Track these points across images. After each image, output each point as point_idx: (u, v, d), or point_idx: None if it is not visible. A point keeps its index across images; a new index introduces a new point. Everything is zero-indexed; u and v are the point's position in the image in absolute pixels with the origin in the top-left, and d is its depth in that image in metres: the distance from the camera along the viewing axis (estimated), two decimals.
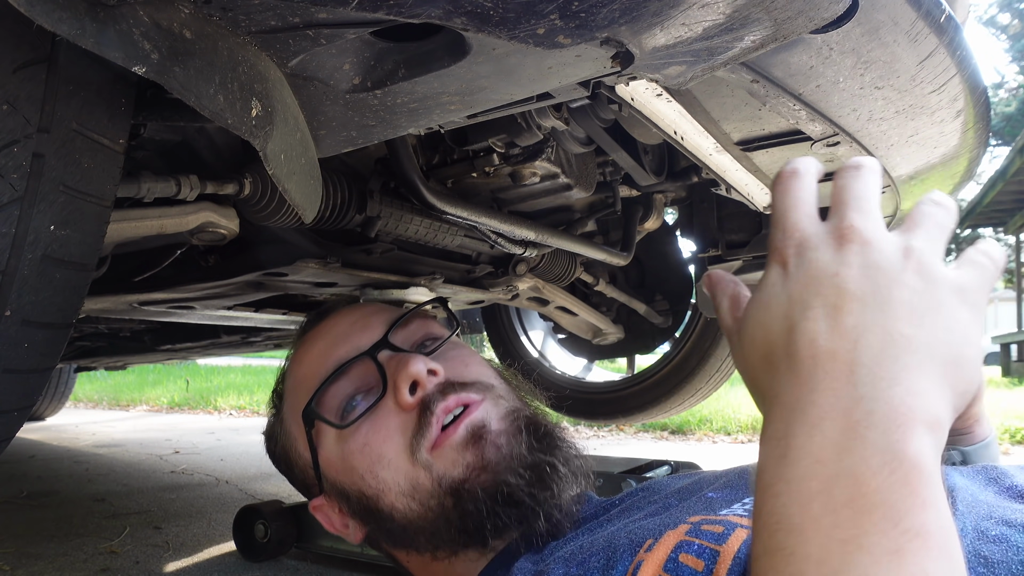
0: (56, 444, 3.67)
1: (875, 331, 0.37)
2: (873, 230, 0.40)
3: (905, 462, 0.33)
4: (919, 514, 0.32)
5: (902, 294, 0.38)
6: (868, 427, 0.35)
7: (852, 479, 0.34)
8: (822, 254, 0.40)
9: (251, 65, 0.57)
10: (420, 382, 0.70)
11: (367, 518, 0.73)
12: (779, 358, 0.40)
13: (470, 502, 0.65)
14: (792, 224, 0.43)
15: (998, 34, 22.13)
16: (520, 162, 1.10)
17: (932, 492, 0.33)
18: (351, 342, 0.77)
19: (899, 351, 0.36)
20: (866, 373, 0.36)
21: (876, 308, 0.38)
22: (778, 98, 0.74)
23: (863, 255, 0.39)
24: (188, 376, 7.62)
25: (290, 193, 0.65)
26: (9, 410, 0.66)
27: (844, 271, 0.39)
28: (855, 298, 0.38)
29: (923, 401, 0.35)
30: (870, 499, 0.33)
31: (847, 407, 0.36)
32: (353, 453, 0.71)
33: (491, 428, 0.68)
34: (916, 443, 0.34)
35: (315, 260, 1.17)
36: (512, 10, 0.48)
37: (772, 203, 0.45)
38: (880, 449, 0.34)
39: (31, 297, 0.60)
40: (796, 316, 0.40)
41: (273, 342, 2.26)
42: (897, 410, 0.35)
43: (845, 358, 0.37)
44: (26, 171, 0.56)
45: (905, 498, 0.33)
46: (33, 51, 0.55)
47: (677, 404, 2.30)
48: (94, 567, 1.56)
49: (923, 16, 0.67)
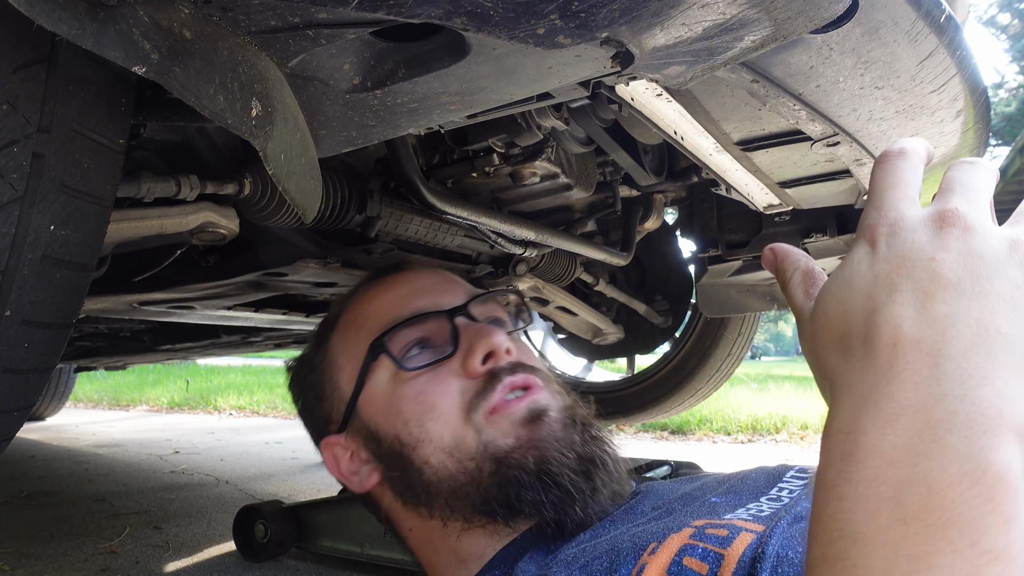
0: (56, 444, 3.67)
1: (968, 323, 0.33)
2: (979, 217, 0.36)
3: (989, 473, 0.29)
4: (1001, 534, 0.28)
5: (1003, 288, 0.34)
6: (949, 429, 0.31)
7: (927, 488, 0.30)
8: (919, 235, 0.37)
9: (251, 65, 0.57)
10: (496, 353, 0.72)
11: (393, 465, 0.73)
12: (855, 341, 0.36)
13: (512, 469, 0.66)
14: (889, 203, 0.39)
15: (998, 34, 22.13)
16: (520, 162, 1.10)
17: (1018, 509, 0.29)
18: (432, 297, 0.79)
19: (993, 348, 0.32)
20: (953, 368, 0.32)
21: (972, 299, 0.34)
22: (778, 98, 0.74)
23: (964, 241, 0.35)
24: (188, 376, 7.62)
25: (290, 193, 0.65)
26: (9, 410, 0.66)
27: (941, 255, 0.35)
28: (950, 285, 0.34)
29: (1013, 406, 0.31)
30: (946, 512, 0.29)
31: (927, 404, 0.32)
32: (404, 398, 0.72)
33: (550, 413, 0.70)
34: (1003, 453, 0.30)
35: (315, 260, 1.17)
36: (512, 10, 0.48)
37: (871, 181, 0.41)
38: (961, 456, 0.30)
39: (31, 297, 0.60)
40: (881, 298, 0.36)
41: (273, 342, 2.26)
42: (985, 413, 0.31)
43: (931, 349, 0.33)
44: (26, 171, 0.56)
45: (986, 515, 0.29)
46: (33, 51, 0.55)
47: (677, 404, 2.30)
48: (94, 567, 1.56)
49: (923, 16, 0.67)
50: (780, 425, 4.25)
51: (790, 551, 0.50)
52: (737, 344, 2.18)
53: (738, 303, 1.82)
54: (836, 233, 1.45)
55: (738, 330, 2.16)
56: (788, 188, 1.10)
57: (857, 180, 1.01)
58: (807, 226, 1.50)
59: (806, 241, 1.50)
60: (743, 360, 2.27)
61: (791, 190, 1.11)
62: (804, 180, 1.08)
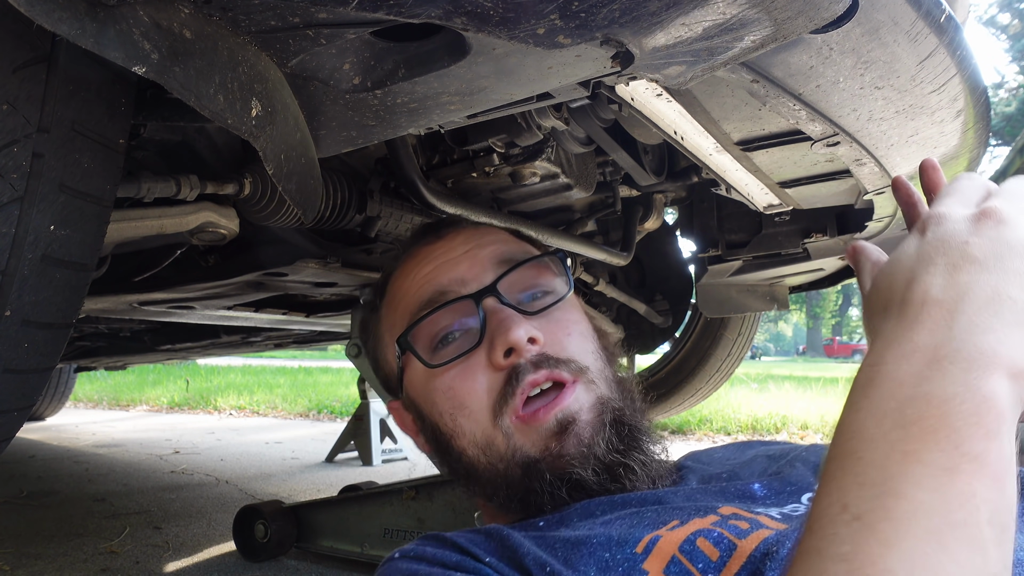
0: (56, 444, 3.67)
1: (985, 289, 0.40)
2: (1014, 215, 0.43)
3: (977, 396, 0.36)
4: (980, 442, 0.35)
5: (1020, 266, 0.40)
6: (952, 362, 0.37)
7: (925, 401, 0.36)
8: (959, 225, 0.44)
9: (251, 65, 0.57)
10: (518, 349, 0.70)
11: (436, 448, 0.76)
12: (894, 304, 0.43)
13: (537, 481, 0.67)
14: (944, 203, 0.46)
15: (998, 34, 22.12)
16: (520, 162, 1.10)
17: (998, 428, 0.35)
18: (459, 274, 0.77)
19: (1002, 308, 0.39)
20: (965, 320, 0.39)
21: (992, 272, 0.40)
22: (778, 98, 0.73)
23: (997, 231, 0.42)
24: (188, 376, 7.62)
25: (290, 193, 0.65)
26: (9, 410, 0.66)
27: (974, 240, 0.42)
28: (976, 261, 0.41)
29: (1010, 351, 0.37)
30: (938, 420, 0.36)
31: (939, 344, 0.38)
32: (437, 391, 0.74)
33: (579, 420, 0.69)
34: (993, 383, 0.36)
35: (315, 260, 1.17)
36: (512, 10, 0.48)
37: (944, 188, 0.49)
38: (957, 381, 0.36)
39: (31, 297, 0.60)
40: (919, 270, 0.43)
41: (273, 342, 2.26)
42: (983, 352, 0.37)
43: (950, 306, 0.40)
44: (26, 171, 0.56)
45: (970, 426, 0.35)
46: (33, 51, 0.55)
47: (677, 404, 2.30)
48: (94, 567, 1.56)
49: (923, 16, 0.67)
50: (780, 425, 4.25)
51: None
52: (737, 344, 2.18)
53: (738, 303, 1.82)
54: (836, 233, 1.45)
55: (738, 330, 2.16)
56: (788, 188, 1.10)
57: (857, 180, 1.01)
58: (807, 226, 1.50)
59: (806, 241, 1.50)
60: (743, 360, 2.27)
61: (791, 190, 1.11)
62: (804, 180, 1.07)
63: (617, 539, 0.54)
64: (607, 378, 0.74)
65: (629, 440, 0.69)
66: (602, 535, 0.55)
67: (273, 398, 5.93)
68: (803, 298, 32.47)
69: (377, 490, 1.55)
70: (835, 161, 0.98)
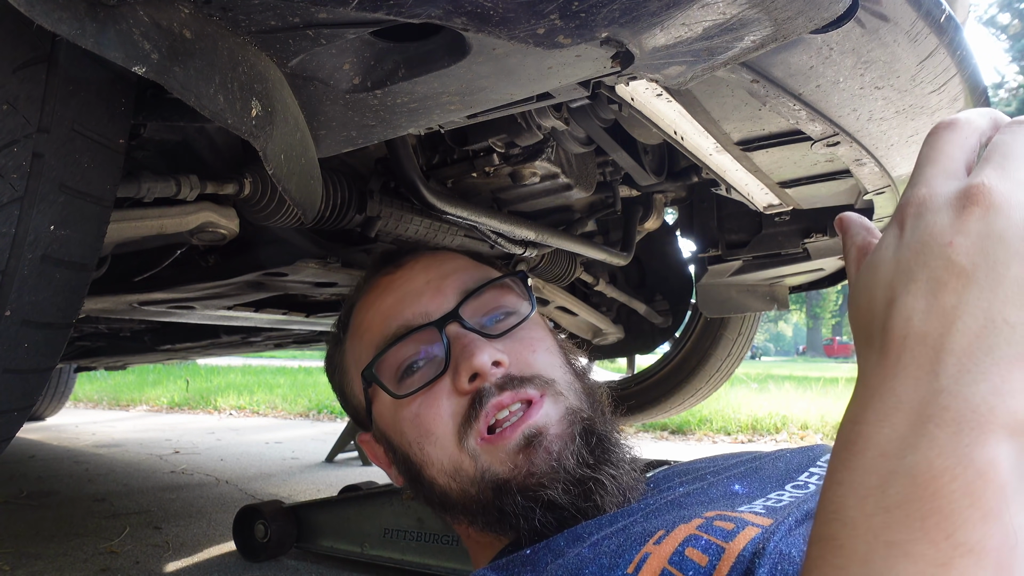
0: (56, 444, 3.67)
1: (975, 314, 0.33)
2: (1008, 193, 0.34)
3: (970, 469, 0.30)
4: (976, 528, 0.29)
5: (1020, 272, 0.33)
6: (939, 424, 0.31)
7: (911, 479, 0.31)
8: (941, 217, 0.35)
9: (251, 65, 0.57)
10: (482, 374, 0.70)
11: (408, 478, 0.76)
12: (876, 332, 0.36)
13: (509, 502, 0.67)
14: (924, 180, 0.37)
15: (998, 34, 22.12)
16: (520, 162, 1.10)
17: (999, 506, 0.29)
18: (421, 306, 0.77)
19: (997, 340, 0.32)
20: (953, 363, 0.32)
21: (984, 287, 0.33)
22: (778, 98, 0.73)
23: (985, 222, 0.34)
24: (188, 376, 7.61)
25: (290, 193, 0.65)
26: (9, 410, 0.66)
27: (958, 240, 0.34)
28: (963, 273, 0.33)
29: (1011, 403, 0.31)
30: (926, 504, 0.30)
31: (924, 399, 0.32)
32: (404, 420, 0.73)
33: (548, 433, 0.68)
34: (989, 450, 0.30)
35: (315, 260, 1.17)
36: (512, 10, 0.48)
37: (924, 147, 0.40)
38: (946, 451, 0.31)
39: (31, 297, 0.60)
40: (899, 288, 0.35)
41: (273, 342, 2.26)
42: (975, 410, 0.31)
43: (934, 343, 0.33)
44: (26, 171, 0.56)
45: (963, 509, 0.30)
46: (33, 51, 0.55)
47: (677, 404, 2.30)
48: (94, 567, 1.56)
49: (923, 16, 0.67)
50: (780, 425, 4.25)
51: (793, 548, 0.51)
52: (737, 344, 2.18)
53: (738, 303, 1.82)
54: (836, 233, 1.45)
55: (738, 330, 2.16)
56: (788, 188, 1.10)
57: (857, 180, 1.01)
58: (807, 226, 1.50)
59: (806, 241, 1.50)
60: (743, 360, 2.27)
61: (791, 190, 1.11)
62: (804, 180, 1.08)
63: (608, 564, 0.54)
64: (576, 390, 0.73)
65: (599, 452, 0.68)
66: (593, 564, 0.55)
67: (273, 398, 5.93)
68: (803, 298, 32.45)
69: (377, 490, 1.55)
70: (835, 161, 0.98)
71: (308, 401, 5.60)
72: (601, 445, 0.69)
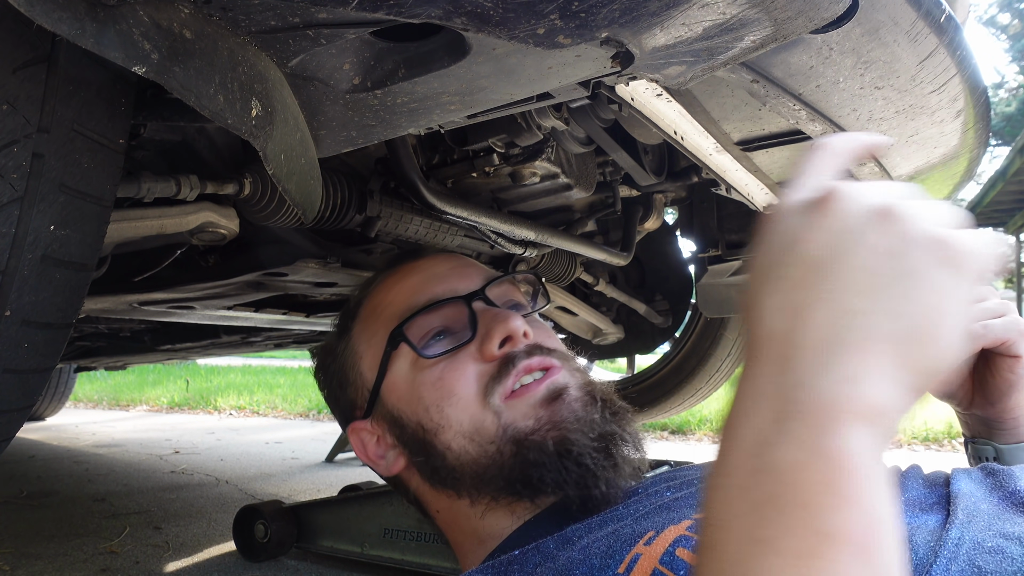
0: (56, 444, 3.67)
1: (821, 307, 0.34)
2: (854, 188, 0.36)
3: (825, 457, 0.31)
4: (836, 515, 0.30)
5: (864, 259, 0.34)
6: (794, 418, 0.32)
7: (774, 475, 0.32)
8: (792, 220, 0.37)
9: (251, 65, 0.57)
10: (514, 338, 0.73)
11: (417, 450, 0.75)
12: (748, 334, 0.37)
13: (533, 451, 0.67)
14: (784, 195, 0.40)
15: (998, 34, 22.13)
16: (520, 162, 1.10)
17: (857, 490, 0.31)
18: (449, 283, 0.79)
19: (843, 330, 0.33)
20: (801, 357, 0.33)
21: (829, 278, 0.34)
22: (778, 98, 0.73)
23: (832, 216, 0.36)
24: (188, 376, 7.61)
25: (290, 193, 0.65)
26: (9, 410, 0.66)
27: (807, 235, 0.36)
28: (810, 267, 0.35)
29: (860, 389, 0.32)
30: (788, 498, 0.31)
31: (779, 395, 0.33)
32: (424, 384, 0.73)
33: (570, 392, 0.71)
34: (842, 437, 0.31)
35: (315, 260, 1.17)
36: (512, 10, 0.48)
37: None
38: (802, 444, 0.32)
39: (31, 297, 0.60)
40: (759, 290, 0.37)
41: (273, 342, 2.26)
42: (825, 401, 0.32)
43: (784, 339, 0.34)
44: (26, 171, 0.56)
45: (822, 496, 0.30)
46: (33, 51, 0.55)
47: (677, 404, 2.30)
48: (94, 567, 1.56)
49: (923, 16, 0.67)
50: None
51: None
52: (737, 344, 2.18)
53: (738, 303, 1.82)
54: None
55: (738, 330, 2.16)
56: None
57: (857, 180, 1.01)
58: None
59: None
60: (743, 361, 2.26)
61: None
62: None
63: (599, 565, 0.54)
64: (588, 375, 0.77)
65: (616, 416, 0.72)
66: (583, 565, 0.55)
67: (273, 398, 5.93)
68: None
69: (377, 490, 1.55)
70: None
71: (308, 401, 5.60)
72: (619, 413, 0.72)
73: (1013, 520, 0.53)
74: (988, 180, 10.82)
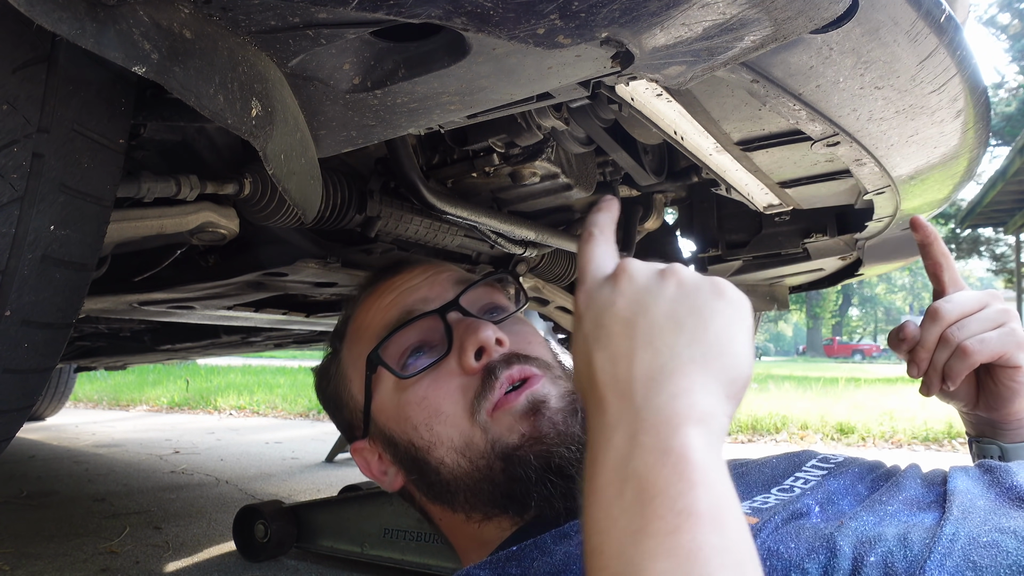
0: (56, 444, 3.67)
1: (641, 349, 0.45)
2: (635, 264, 0.49)
3: (672, 454, 0.39)
4: (688, 495, 0.38)
5: (663, 307, 0.46)
6: (643, 432, 0.41)
7: (637, 478, 0.40)
8: (603, 293, 0.49)
9: (251, 65, 0.57)
10: (487, 349, 0.71)
11: (412, 468, 0.75)
12: (586, 390, 0.47)
13: (520, 468, 0.67)
14: (582, 279, 0.51)
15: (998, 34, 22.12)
16: (520, 162, 1.10)
17: (702, 476, 0.39)
18: (422, 295, 0.79)
19: (664, 360, 0.44)
20: (639, 388, 0.43)
21: (644, 327, 0.45)
22: (778, 98, 0.73)
23: (630, 282, 0.48)
24: (188, 376, 7.61)
25: (290, 193, 0.65)
26: (9, 410, 0.66)
27: (618, 300, 0.47)
28: (626, 323, 0.46)
29: (687, 400, 0.42)
30: (650, 491, 0.39)
31: (629, 420, 0.42)
32: (410, 404, 0.73)
33: (550, 404, 0.70)
34: (682, 437, 0.40)
35: (315, 260, 1.17)
36: (512, 10, 0.48)
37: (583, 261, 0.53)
38: (653, 449, 0.40)
39: (31, 297, 0.60)
40: (591, 351, 0.47)
41: (273, 342, 2.26)
42: (663, 413, 0.41)
43: (623, 378, 0.44)
44: (26, 171, 0.56)
45: (675, 484, 0.38)
46: (33, 51, 0.55)
47: None
48: (94, 567, 1.56)
49: (923, 16, 0.67)
50: (780, 425, 4.25)
51: (780, 545, 0.51)
52: None
53: None
54: (836, 233, 1.45)
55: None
56: (788, 188, 1.10)
57: (857, 180, 1.01)
58: (807, 226, 1.50)
59: (806, 241, 1.50)
60: None
61: (791, 190, 1.11)
62: (804, 180, 1.07)
63: None
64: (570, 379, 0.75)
65: None
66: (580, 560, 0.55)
67: (273, 398, 5.93)
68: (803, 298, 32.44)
69: (377, 490, 1.55)
70: (835, 161, 0.98)
71: (308, 401, 5.60)
72: None
73: (1009, 515, 0.53)
74: (988, 180, 10.82)
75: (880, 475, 0.70)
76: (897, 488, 0.64)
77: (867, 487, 0.68)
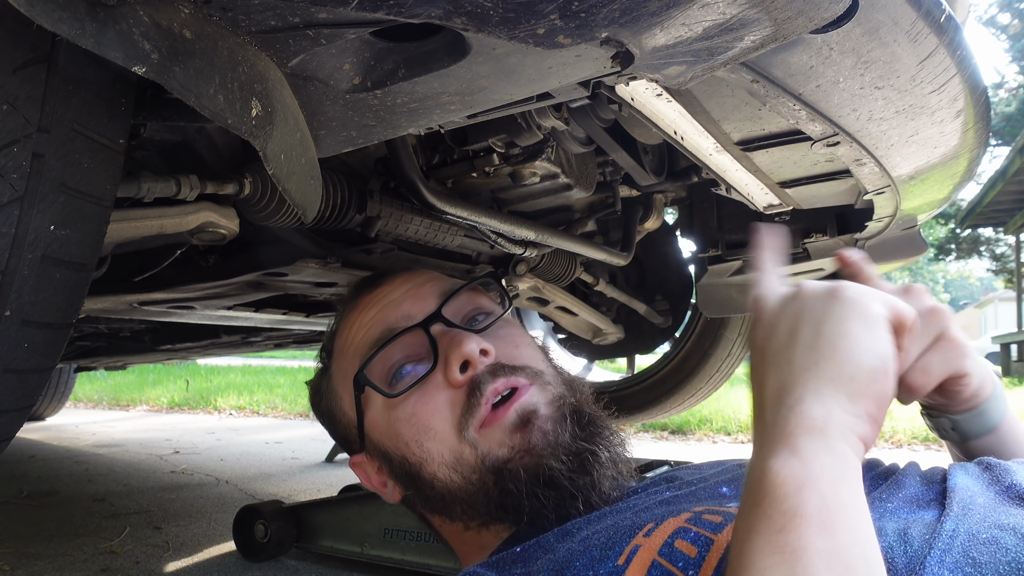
0: (56, 444, 3.67)
1: (771, 370, 0.51)
2: (774, 291, 0.56)
3: (789, 462, 0.44)
4: (794, 498, 0.41)
5: (785, 325, 0.52)
6: (765, 446, 0.46)
7: (758, 482, 0.45)
8: (773, 312, 0.55)
9: (251, 65, 0.57)
10: (472, 362, 0.71)
11: (407, 483, 0.75)
12: (757, 395, 0.53)
13: (511, 482, 0.67)
14: (764, 279, 0.58)
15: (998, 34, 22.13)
16: (520, 162, 1.10)
17: (812, 479, 0.42)
18: (404, 311, 0.78)
19: (783, 376, 0.50)
20: (769, 407, 0.49)
21: (772, 350, 0.52)
22: (778, 98, 0.73)
23: (764, 311, 0.55)
24: (188, 376, 7.61)
25: (290, 193, 0.65)
26: (9, 410, 0.66)
27: (756, 331, 0.55)
28: (761, 351, 0.53)
29: (799, 410, 0.47)
30: (763, 493, 0.43)
31: (759, 436, 0.49)
32: (400, 421, 0.73)
33: (539, 413, 0.69)
34: (793, 445, 0.45)
35: (315, 260, 1.17)
36: (512, 10, 0.48)
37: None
38: (770, 456, 0.45)
39: (31, 297, 0.60)
40: (763, 369, 0.53)
41: (273, 342, 2.26)
42: (780, 427, 0.47)
43: (758, 401, 0.51)
44: (26, 171, 0.56)
45: (784, 488, 0.42)
46: (33, 51, 0.55)
47: (677, 404, 2.30)
48: (94, 567, 1.56)
49: (923, 16, 0.67)
50: None
51: None
52: (737, 344, 2.18)
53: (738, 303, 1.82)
54: (836, 233, 1.45)
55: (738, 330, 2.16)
56: (788, 188, 1.10)
57: (857, 180, 1.01)
58: (807, 226, 1.49)
59: (806, 241, 1.49)
60: (743, 360, 2.26)
61: (791, 190, 1.11)
62: (804, 180, 1.07)
63: (599, 556, 0.55)
64: (559, 381, 0.76)
65: (591, 429, 0.71)
66: (583, 556, 0.56)
67: (273, 398, 5.93)
68: None
69: None
70: (835, 161, 0.98)
71: (308, 401, 5.59)
72: (592, 424, 0.72)
73: (1009, 512, 0.53)
74: (988, 180, 10.81)
75: (879, 473, 0.70)
76: (896, 486, 0.64)
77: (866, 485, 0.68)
